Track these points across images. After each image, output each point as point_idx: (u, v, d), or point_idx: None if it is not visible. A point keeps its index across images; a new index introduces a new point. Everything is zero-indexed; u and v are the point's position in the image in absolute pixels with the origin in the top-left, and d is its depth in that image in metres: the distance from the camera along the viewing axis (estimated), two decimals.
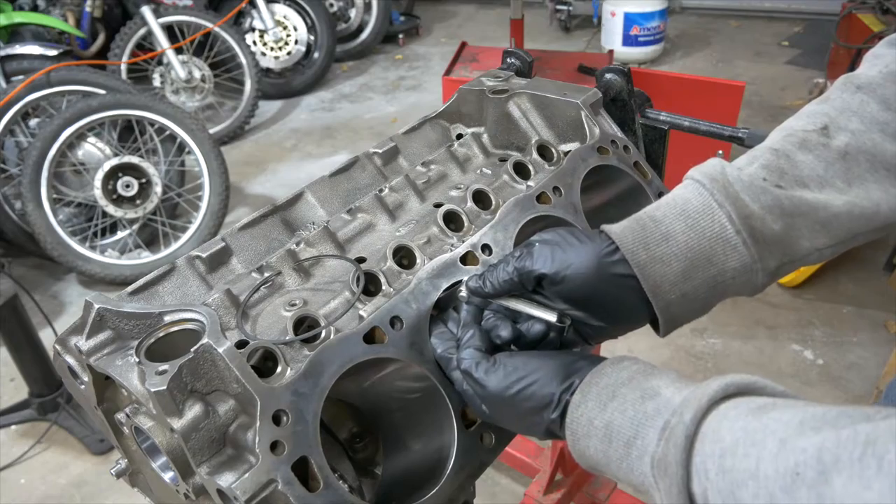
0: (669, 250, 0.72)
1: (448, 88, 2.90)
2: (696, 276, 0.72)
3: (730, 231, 0.71)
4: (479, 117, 1.14)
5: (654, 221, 0.74)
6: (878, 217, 0.76)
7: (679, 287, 0.72)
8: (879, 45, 0.85)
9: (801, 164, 0.76)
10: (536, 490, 1.96)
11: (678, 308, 0.73)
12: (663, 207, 0.75)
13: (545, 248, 0.75)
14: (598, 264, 0.72)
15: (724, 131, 1.17)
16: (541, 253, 0.75)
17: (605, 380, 0.65)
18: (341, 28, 5.95)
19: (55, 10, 4.46)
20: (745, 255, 0.72)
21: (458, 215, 0.89)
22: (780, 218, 0.73)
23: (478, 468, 0.78)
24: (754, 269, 0.73)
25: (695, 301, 0.74)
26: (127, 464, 0.85)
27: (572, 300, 0.74)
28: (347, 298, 0.78)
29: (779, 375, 2.65)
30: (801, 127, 0.80)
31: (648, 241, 0.72)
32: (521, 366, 0.70)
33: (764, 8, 6.47)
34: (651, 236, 0.73)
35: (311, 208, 0.96)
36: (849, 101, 0.80)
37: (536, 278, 0.74)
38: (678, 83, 3.08)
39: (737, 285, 0.74)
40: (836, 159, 0.76)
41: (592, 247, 0.74)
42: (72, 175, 3.34)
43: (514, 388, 0.69)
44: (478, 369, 0.72)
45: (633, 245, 0.72)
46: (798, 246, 0.74)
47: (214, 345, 0.67)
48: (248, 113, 4.78)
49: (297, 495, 0.64)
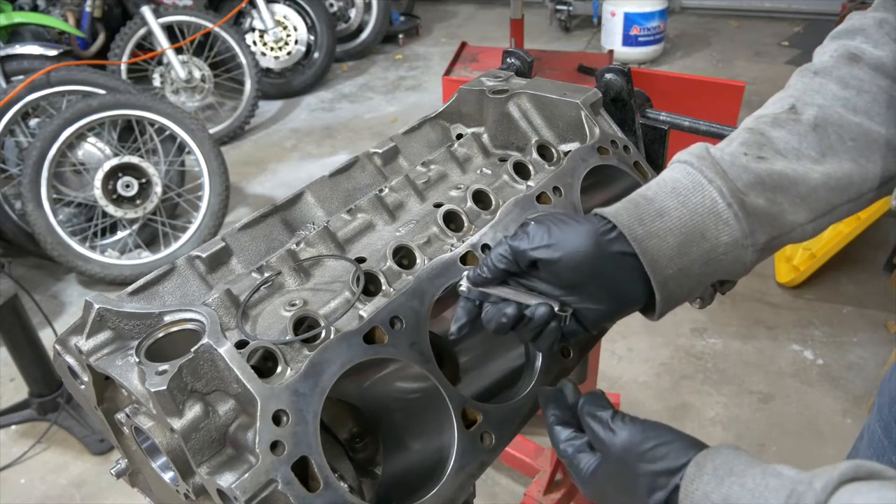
0: (664, 226, 0.73)
1: (448, 88, 2.90)
2: (691, 252, 0.73)
3: (721, 205, 0.73)
4: (479, 117, 1.14)
5: (646, 200, 0.75)
6: (851, 188, 0.79)
7: (675, 262, 0.73)
8: (826, 40, 0.91)
9: (776, 140, 0.79)
10: (536, 490, 1.96)
11: (674, 284, 0.74)
12: (654, 187, 0.77)
13: (540, 227, 0.75)
14: (596, 242, 0.73)
15: (724, 131, 1.17)
16: (536, 232, 0.74)
17: (721, 458, 0.63)
18: (341, 28, 5.95)
19: (55, 10, 4.46)
20: (736, 228, 0.73)
21: (458, 215, 0.89)
22: (762, 193, 0.75)
23: (478, 468, 0.78)
24: (745, 244, 0.74)
25: (689, 277, 0.75)
26: (127, 464, 0.85)
27: (568, 283, 0.74)
28: (347, 298, 0.78)
29: (779, 375, 2.65)
30: (769, 111, 0.83)
31: (644, 218, 0.73)
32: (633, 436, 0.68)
33: (764, 8, 6.47)
34: (646, 213, 0.74)
35: (311, 208, 0.96)
36: (809, 83, 0.84)
37: (531, 260, 0.74)
38: (678, 83, 3.07)
39: (728, 261, 0.75)
40: (807, 131, 0.79)
41: (588, 226, 0.74)
42: (72, 175, 3.34)
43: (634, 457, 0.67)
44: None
45: (629, 221, 0.73)
46: (783, 220, 0.76)
47: (214, 345, 0.67)
48: (248, 113, 4.78)
49: (297, 495, 0.64)
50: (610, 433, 0.70)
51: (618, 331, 2.76)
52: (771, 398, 2.56)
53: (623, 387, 2.63)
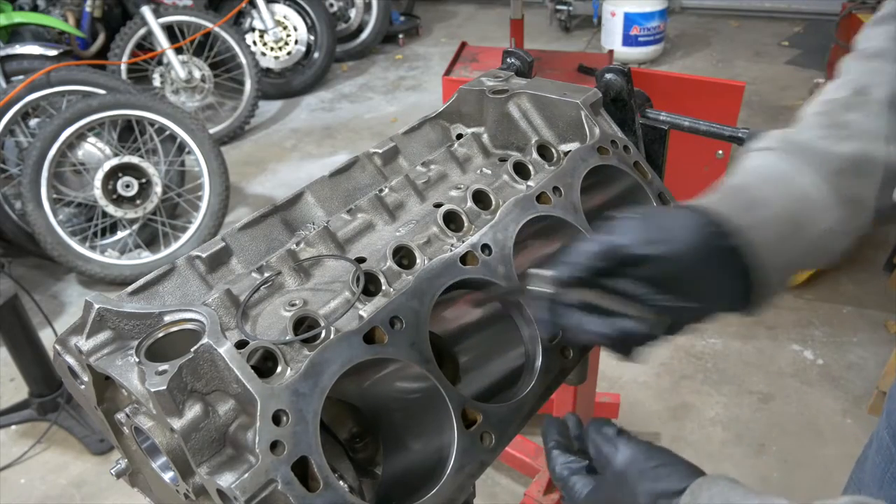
0: (765, 215, 0.68)
1: (448, 88, 2.90)
2: (792, 242, 0.69)
3: (820, 192, 0.69)
4: (479, 117, 1.14)
5: (741, 191, 0.70)
6: None
7: (778, 253, 0.68)
8: (865, 27, 0.86)
9: (851, 122, 0.74)
10: (536, 490, 1.96)
11: (776, 276, 0.70)
12: (742, 176, 0.72)
13: (636, 221, 0.68)
14: (701, 235, 0.66)
15: (724, 131, 1.17)
16: (632, 226, 0.67)
17: (717, 488, 0.60)
18: (341, 28, 5.95)
19: (55, 10, 4.46)
20: (833, 215, 0.70)
21: (458, 215, 0.89)
22: (849, 177, 0.71)
23: (478, 468, 0.78)
24: (842, 230, 0.71)
25: (790, 268, 0.71)
26: (127, 464, 0.84)
27: (667, 282, 0.67)
28: (347, 298, 0.78)
29: (779, 375, 2.65)
30: (833, 97, 0.78)
31: (745, 207, 0.68)
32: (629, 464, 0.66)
33: (764, 8, 6.47)
34: (745, 203, 0.69)
35: (311, 208, 0.96)
36: (866, 66, 0.79)
37: (628, 257, 0.67)
38: (678, 83, 3.07)
39: (824, 250, 0.71)
40: (882, 110, 0.74)
41: (690, 219, 0.67)
42: (72, 175, 3.34)
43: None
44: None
45: (731, 212, 0.67)
46: (870, 205, 0.72)
47: (214, 345, 0.67)
48: (248, 113, 4.78)
49: (297, 495, 0.64)
50: (613, 448, 0.69)
51: None
52: (771, 398, 2.56)
53: (623, 387, 2.63)
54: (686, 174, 2.02)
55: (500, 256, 0.86)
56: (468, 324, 0.95)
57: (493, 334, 0.93)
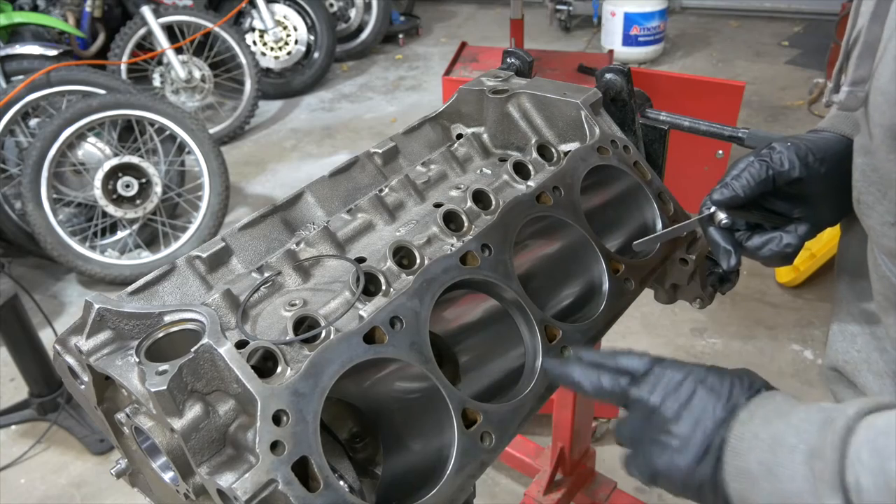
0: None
1: (448, 88, 2.90)
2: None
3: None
4: (479, 117, 1.14)
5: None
6: None
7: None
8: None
9: None
10: (536, 490, 1.96)
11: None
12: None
13: (792, 147, 0.83)
14: (846, 146, 0.81)
15: (724, 131, 1.17)
16: (789, 151, 0.82)
17: (773, 404, 0.66)
18: (341, 28, 5.95)
19: (55, 10, 4.45)
20: None
21: (458, 215, 0.89)
22: None
23: (478, 468, 0.78)
24: None
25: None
26: (127, 464, 0.85)
27: (818, 197, 0.85)
28: (347, 298, 0.78)
29: (779, 375, 2.65)
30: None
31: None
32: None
33: (764, 8, 6.47)
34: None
35: (311, 208, 0.96)
36: None
37: (791, 180, 0.82)
38: (678, 83, 3.07)
39: None
40: None
41: (837, 134, 0.84)
42: (72, 175, 3.34)
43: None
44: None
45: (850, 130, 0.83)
46: None
47: (214, 345, 0.67)
48: (248, 113, 4.77)
49: (297, 495, 0.64)
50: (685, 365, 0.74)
51: (618, 331, 2.75)
52: None
53: None
54: (686, 174, 2.02)
55: (500, 256, 0.86)
56: (468, 324, 0.95)
57: (493, 334, 0.93)
